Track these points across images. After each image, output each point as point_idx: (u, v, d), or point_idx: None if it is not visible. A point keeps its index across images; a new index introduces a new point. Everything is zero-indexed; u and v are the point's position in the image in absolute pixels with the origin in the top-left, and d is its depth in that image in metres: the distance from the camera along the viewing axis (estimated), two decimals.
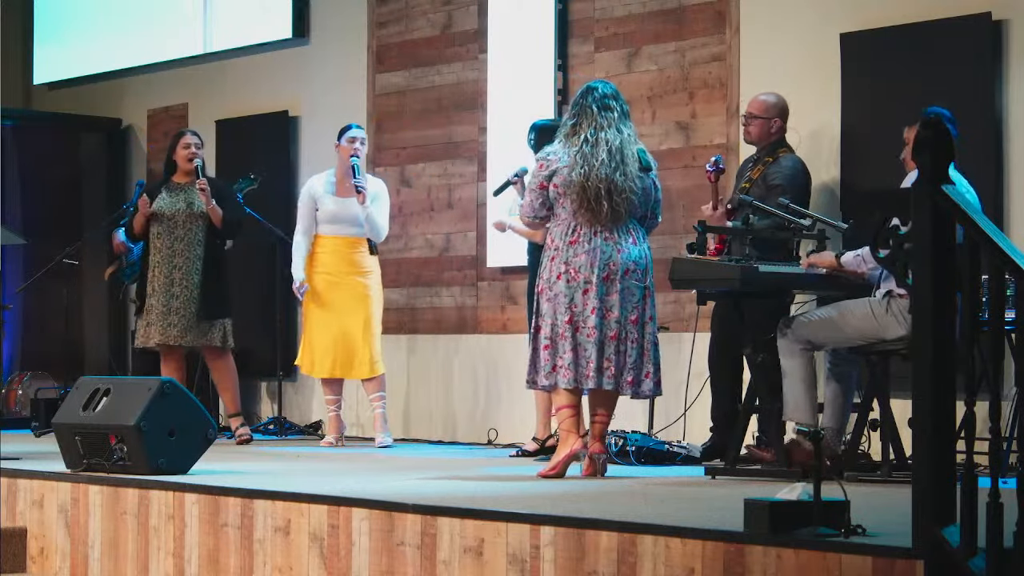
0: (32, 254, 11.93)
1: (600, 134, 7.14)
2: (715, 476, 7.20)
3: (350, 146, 9.50)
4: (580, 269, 7.13)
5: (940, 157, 4.42)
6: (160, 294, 9.63)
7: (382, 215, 9.53)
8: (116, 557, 6.86)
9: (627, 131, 7.23)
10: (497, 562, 5.37)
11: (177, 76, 12.39)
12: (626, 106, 7.31)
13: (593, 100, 7.22)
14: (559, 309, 7.14)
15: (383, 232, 9.57)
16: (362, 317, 9.46)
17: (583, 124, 7.18)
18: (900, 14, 8.28)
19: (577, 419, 7.19)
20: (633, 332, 7.16)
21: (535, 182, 7.26)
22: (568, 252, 7.15)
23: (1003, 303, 5.26)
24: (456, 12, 10.46)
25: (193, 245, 9.63)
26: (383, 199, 9.59)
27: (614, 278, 7.13)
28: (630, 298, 7.17)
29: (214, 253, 9.69)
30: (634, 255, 7.18)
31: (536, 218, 7.33)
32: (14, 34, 13.47)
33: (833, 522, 4.65)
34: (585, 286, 7.12)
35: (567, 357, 7.10)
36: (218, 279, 9.69)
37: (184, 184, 9.71)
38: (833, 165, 8.47)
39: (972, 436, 4.37)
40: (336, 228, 9.51)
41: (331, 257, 9.51)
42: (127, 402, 7.16)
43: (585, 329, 7.10)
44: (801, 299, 7.96)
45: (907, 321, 6.68)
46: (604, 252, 7.13)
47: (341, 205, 9.49)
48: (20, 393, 11.83)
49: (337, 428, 9.67)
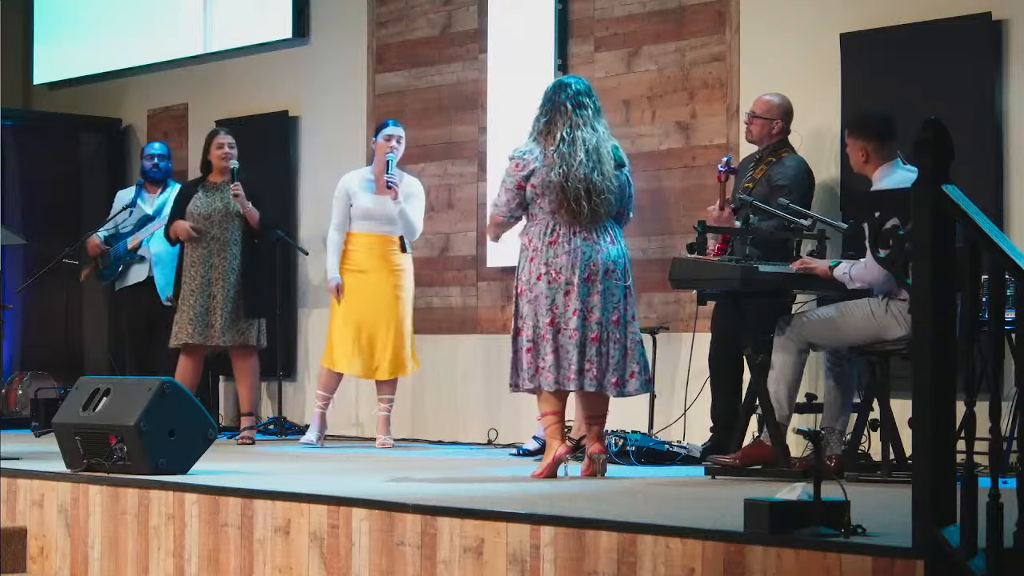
0: (32, 254, 11.92)
1: (576, 132, 7.11)
2: (715, 476, 7.21)
3: (386, 143, 9.53)
4: (561, 270, 7.10)
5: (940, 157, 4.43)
6: (197, 294, 9.69)
7: (416, 213, 9.52)
8: (116, 557, 6.86)
9: (601, 129, 7.20)
10: (497, 562, 5.37)
11: (177, 76, 12.39)
12: (599, 102, 7.28)
13: (567, 97, 7.17)
14: (540, 311, 7.11)
15: (417, 230, 9.55)
16: (388, 316, 9.45)
17: (558, 122, 7.14)
18: (900, 14, 8.28)
19: (561, 425, 7.18)
20: (615, 332, 7.13)
21: (512, 182, 7.21)
22: (548, 253, 7.13)
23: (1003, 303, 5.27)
24: (456, 12, 10.46)
25: (229, 245, 9.68)
26: (418, 197, 9.58)
27: (595, 279, 7.11)
28: (611, 298, 7.13)
29: (252, 252, 9.75)
30: (613, 255, 7.16)
31: (512, 217, 7.30)
32: (14, 34, 13.47)
33: (833, 522, 4.65)
34: (567, 287, 7.09)
35: (548, 359, 7.08)
36: (259, 277, 9.77)
37: (220, 184, 9.78)
38: (833, 165, 8.47)
39: (972, 436, 4.37)
40: (370, 225, 9.52)
41: (363, 254, 9.52)
42: (127, 402, 7.16)
43: (567, 331, 7.08)
44: (801, 299, 7.96)
45: (907, 322, 6.68)
46: (584, 252, 7.10)
47: (376, 202, 9.51)
48: (20, 393, 11.82)
49: (320, 427, 9.65)
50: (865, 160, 7.18)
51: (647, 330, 8.90)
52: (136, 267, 10.82)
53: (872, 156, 7.15)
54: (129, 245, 10.73)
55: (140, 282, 10.79)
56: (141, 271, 10.78)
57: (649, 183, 9.23)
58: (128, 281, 10.86)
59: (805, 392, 7.42)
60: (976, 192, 6.88)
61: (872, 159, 7.15)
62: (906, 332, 6.76)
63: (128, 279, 10.85)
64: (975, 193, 5.32)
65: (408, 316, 9.55)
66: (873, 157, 7.14)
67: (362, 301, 9.49)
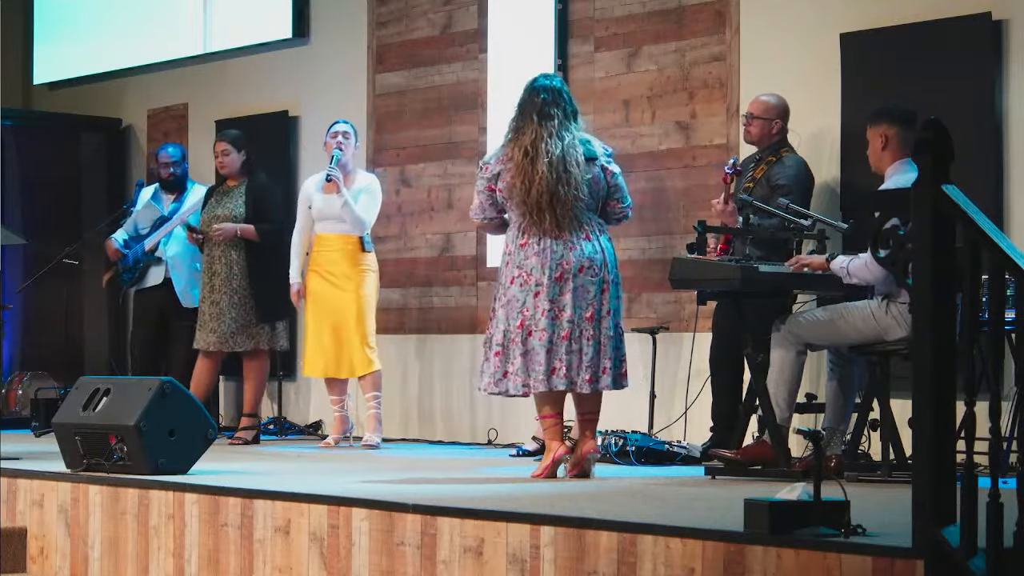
0: (32, 254, 11.92)
1: (541, 145, 7.06)
2: (715, 476, 7.21)
3: (332, 140, 9.57)
4: (532, 271, 7.08)
5: (940, 157, 4.43)
6: (208, 300, 9.79)
7: (364, 207, 9.50)
8: (116, 557, 6.86)
9: (570, 136, 7.11)
10: (497, 562, 5.37)
11: (177, 76, 12.39)
12: (571, 105, 7.20)
13: (534, 109, 7.13)
14: (511, 314, 7.10)
15: (361, 223, 9.49)
16: (350, 314, 9.46)
17: (525, 131, 7.11)
18: (900, 14, 8.28)
19: (560, 426, 7.18)
20: (588, 329, 7.08)
21: (481, 184, 7.22)
22: (519, 255, 7.12)
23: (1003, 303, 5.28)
24: (456, 12, 10.46)
25: (228, 251, 9.68)
26: (369, 193, 9.57)
27: (567, 277, 7.08)
28: (584, 295, 7.09)
29: (257, 257, 9.73)
30: (588, 251, 7.11)
31: (485, 219, 7.30)
32: (14, 34, 13.47)
33: (833, 522, 4.66)
34: (536, 288, 7.07)
35: (517, 363, 7.07)
36: (269, 281, 9.74)
37: (231, 188, 9.81)
38: (833, 165, 8.47)
39: (972, 436, 4.37)
40: (325, 225, 9.56)
41: (323, 255, 9.55)
42: (127, 402, 7.16)
43: (536, 332, 7.06)
44: (802, 299, 7.96)
45: (907, 323, 6.68)
46: (555, 252, 7.08)
47: (326, 201, 9.53)
48: (20, 393, 11.82)
49: (340, 428, 9.67)
50: (884, 147, 7.11)
51: (647, 330, 8.91)
52: (154, 269, 10.75)
53: (891, 143, 7.08)
54: (147, 247, 10.72)
55: (158, 284, 10.72)
56: (158, 273, 10.71)
57: (649, 183, 9.23)
58: (147, 283, 10.79)
59: (805, 392, 7.43)
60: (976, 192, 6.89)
61: (891, 146, 7.08)
62: (907, 333, 6.75)
63: (147, 281, 10.79)
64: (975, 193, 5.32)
65: (369, 314, 9.51)
66: (892, 144, 7.08)
67: (326, 302, 9.51)
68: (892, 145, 7.11)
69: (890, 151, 7.12)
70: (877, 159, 7.19)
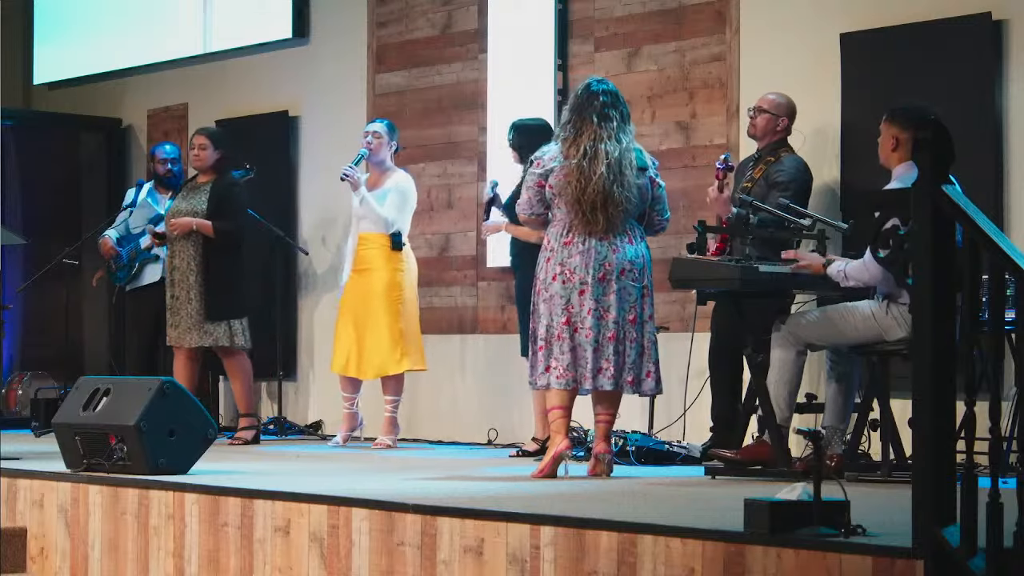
0: (32, 254, 11.92)
1: (600, 146, 7.13)
2: (715, 476, 7.21)
3: (363, 140, 9.56)
4: (575, 270, 7.14)
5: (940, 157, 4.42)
6: (168, 295, 9.73)
7: (387, 205, 9.47)
8: (116, 557, 6.86)
9: (626, 140, 7.21)
10: (497, 562, 5.37)
11: (177, 76, 12.39)
12: (626, 108, 7.29)
13: (594, 111, 7.19)
14: (555, 310, 7.15)
15: (384, 221, 9.45)
16: (373, 315, 9.45)
17: (584, 134, 7.15)
18: (900, 14, 8.28)
19: (567, 420, 7.20)
20: (632, 332, 7.17)
21: (532, 180, 7.27)
22: (563, 253, 7.17)
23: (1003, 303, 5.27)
24: (456, 12, 10.46)
25: (187, 246, 9.62)
26: (396, 191, 9.52)
27: (610, 278, 7.14)
28: (627, 298, 7.18)
29: (213, 254, 9.63)
30: (630, 255, 7.18)
31: (533, 214, 7.34)
32: (14, 34, 13.47)
33: (833, 522, 4.65)
34: (581, 287, 7.13)
35: (564, 358, 7.10)
36: (221, 279, 9.63)
37: (200, 185, 9.77)
38: (833, 165, 8.47)
39: (972, 436, 4.37)
40: (363, 224, 9.57)
41: (360, 253, 9.57)
42: (127, 402, 7.16)
43: (583, 330, 7.11)
44: (801, 299, 7.96)
45: (907, 323, 6.68)
46: (599, 253, 7.14)
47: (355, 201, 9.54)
48: (20, 393, 11.83)
49: (348, 426, 9.65)
50: (894, 148, 7.10)
51: None
52: (150, 266, 10.74)
53: (903, 147, 7.07)
54: (143, 245, 10.71)
55: (154, 282, 10.70)
56: (155, 271, 10.69)
57: None
58: (143, 281, 10.77)
59: (805, 392, 7.42)
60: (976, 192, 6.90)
61: (901, 149, 7.07)
62: (907, 334, 6.75)
63: (143, 279, 10.77)
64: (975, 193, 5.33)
65: (400, 315, 9.47)
66: (903, 148, 7.07)
67: (355, 301, 9.51)
68: (903, 148, 7.08)
69: (900, 153, 7.10)
70: (886, 156, 7.16)
